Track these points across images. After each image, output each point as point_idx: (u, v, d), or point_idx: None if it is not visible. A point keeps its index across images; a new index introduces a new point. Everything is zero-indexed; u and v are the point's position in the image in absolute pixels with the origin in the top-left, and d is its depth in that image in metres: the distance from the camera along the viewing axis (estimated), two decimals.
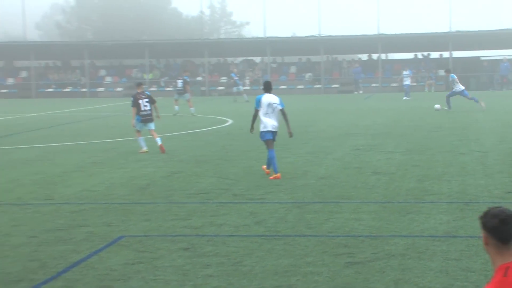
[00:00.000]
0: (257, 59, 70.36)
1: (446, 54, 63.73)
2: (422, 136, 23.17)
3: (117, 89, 65.38)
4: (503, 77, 59.79)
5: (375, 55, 66.14)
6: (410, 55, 67.68)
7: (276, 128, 15.62)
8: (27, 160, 19.40)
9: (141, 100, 20.93)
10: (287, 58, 71.88)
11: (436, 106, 34.60)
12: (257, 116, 15.70)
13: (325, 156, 18.81)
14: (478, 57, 65.69)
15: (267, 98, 15.57)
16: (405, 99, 46.64)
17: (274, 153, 15.58)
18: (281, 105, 15.60)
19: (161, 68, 68.26)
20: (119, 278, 8.45)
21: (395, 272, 8.46)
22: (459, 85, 34.71)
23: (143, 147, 20.51)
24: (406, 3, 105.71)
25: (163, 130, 27.33)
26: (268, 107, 15.48)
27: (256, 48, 67.32)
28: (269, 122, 15.48)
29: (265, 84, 15.91)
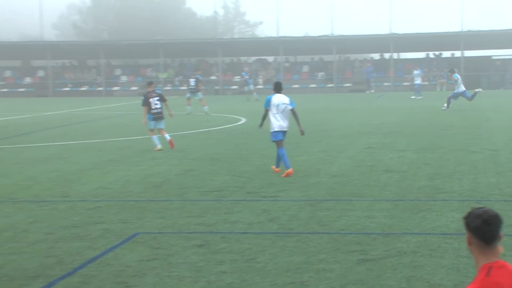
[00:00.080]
0: (270, 59, 70.33)
1: (458, 53, 63.51)
2: (434, 134, 23.10)
3: (132, 88, 65.53)
4: None
5: (387, 55, 65.98)
6: (422, 55, 67.50)
7: (285, 128, 15.65)
8: (44, 158, 19.47)
9: (152, 99, 21.00)
10: (300, 57, 71.84)
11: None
12: (266, 115, 15.77)
13: (338, 155, 18.78)
14: (490, 56, 65.39)
15: (277, 98, 15.61)
16: (414, 98, 46.45)
17: (284, 151, 15.61)
18: (291, 105, 15.66)
19: (175, 67, 68.37)
20: (134, 274, 8.47)
21: (407, 269, 8.44)
22: (462, 86, 34.81)
23: (157, 145, 20.56)
24: (418, 3, 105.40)
25: (177, 128, 27.38)
26: (277, 107, 15.53)
27: (269, 48, 67.31)
28: (278, 123, 15.54)
29: (276, 85, 15.97)
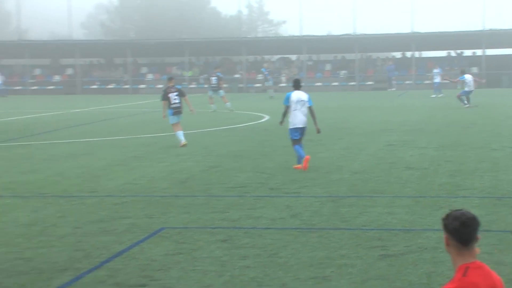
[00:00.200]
0: (293, 57, 70.27)
1: (479, 52, 63.02)
2: (454, 132, 22.94)
3: (158, 86, 65.71)
4: None
5: (408, 53, 65.63)
6: (443, 53, 67.07)
7: (305, 123, 15.95)
8: (72, 154, 19.59)
9: (171, 94, 21.12)
10: (322, 56, 71.70)
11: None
12: (287, 112, 16.00)
13: (359, 152, 18.72)
14: (511, 55, 64.81)
15: (296, 95, 15.92)
16: (434, 96, 46.12)
17: (298, 146, 15.92)
18: (309, 102, 15.97)
19: (200, 65, 68.49)
20: (160, 268, 8.50)
21: (427, 265, 8.39)
22: (468, 86, 35.24)
23: (182, 140, 20.61)
24: (440, 2, 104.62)
25: (202, 126, 27.45)
26: (297, 103, 15.83)
27: (292, 46, 67.24)
28: (298, 118, 15.82)
29: (295, 82, 16.36)
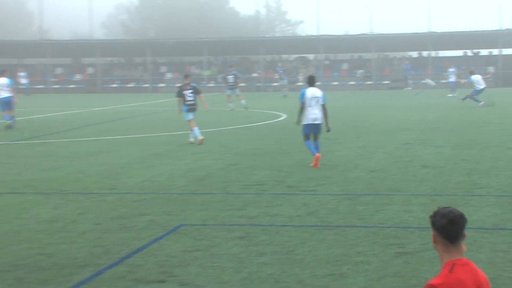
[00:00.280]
0: (310, 56, 70.15)
1: (496, 51, 62.60)
2: (471, 131, 22.80)
3: (177, 84, 65.52)
4: None
5: (425, 53, 65.33)
6: (459, 53, 66.69)
7: (320, 120, 16.10)
8: (93, 151, 19.67)
9: (186, 91, 21.37)
10: (339, 55, 71.52)
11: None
12: (303, 109, 16.12)
13: (376, 150, 18.65)
14: None
15: (311, 91, 16.11)
16: (451, 96, 45.86)
17: (310, 142, 16.12)
18: (323, 100, 16.12)
19: (218, 65, 68.55)
20: (178, 265, 8.51)
21: None
22: (477, 86, 35.55)
23: (198, 136, 20.71)
24: (457, 1, 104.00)
25: (220, 124, 27.47)
26: (311, 99, 16.00)
27: (309, 46, 67.13)
28: (311, 116, 16.00)
29: (309, 78, 16.53)
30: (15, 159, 18.30)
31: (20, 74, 64.19)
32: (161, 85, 66.71)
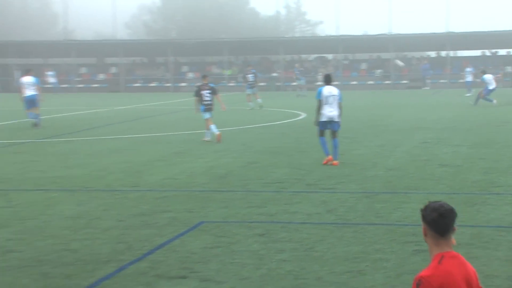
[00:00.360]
0: (329, 56, 70.00)
1: None
2: (488, 130, 22.64)
3: (198, 84, 65.93)
4: None
5: (443, 52, 64.97)
6: (477, 52, 66.23)
7: (337, 118, 16.12)
8: (116, 149, 19.75)
9: (203, 91, 21.54)
10: (358, 55, 71.31)
11: None
12: (320, 107, 16.15)
13: (394, 149, 18.58)
14: None
15: (328, 90, 16.19)
16: (468, 95, 45.54)
17: (324, 140, 16.16)
18: (340, 98, 16.21)
19: (239, 64, 68.59)
20: (199, 261, 8.53)
21: None
22: (489, 85, 35.51)
23: (215, 132, 20.85)
24: (475, 1, 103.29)
25: (240, 123, 27.48)
26: (328, 97, 16.08)
27: (328, 46, 66.99)
28: (327, 113, 16.05)
29: (326, 77, 16.66)
30: (40, 157, 18.43)
31: (48, 73, 64.68)
32: (183, 84, 66.86)
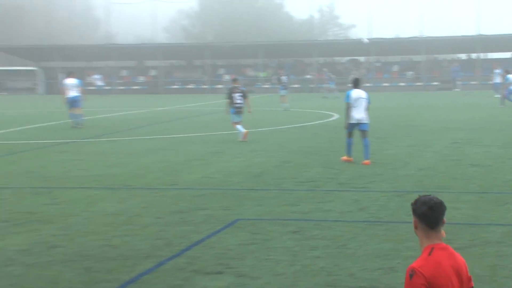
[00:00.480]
0: (361, 59, 69.65)
1: None
2: None
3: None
4: None
5: (474, 55, 64.24)
6: (508, 55, 65.40)
7: (365, 120, 16.20)
8: (154, 149, 19.87)
9: (235, 94, 21.59)
10: (390, 57, 70.84)
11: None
12: (349, 109, 16.21)
13: (425, 149, 18.41)
14: None
15: (356, 93, 16.23)
16: (497, 96, 44.96)
17: (352, 141, 16.20)
18: (368, 101, 16.33)
19: (273, 67, 68.57)
20: (235, 257, 8.54)
21: (491, 258, 8.19)
22: (511, 86, 35.41)
23: (242, 130, 21.01)
24: (506, 3, 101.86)
25: (274, 123, 27.47)
26: (356, 100, 16.10)
27: (361, 49, 66.64)
28: (356, 116, 16.11)
29: (355, 81, 16.71)
30: (83, 156, 18.62)
31: (95, 76, 65.38)
32: (219, 86, 67.06)
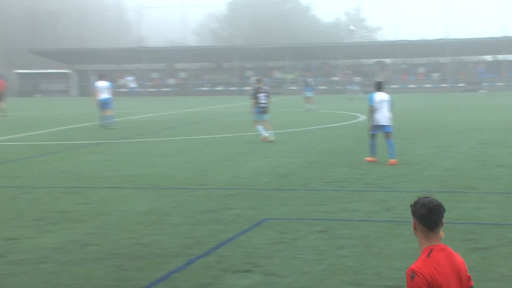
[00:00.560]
0: (388, 61, 69.26)
1: None
2: None
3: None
4: None
5: (500, 56, 63.56)
6: None
7: (388, 122, 16.23)
8: (185, 149, 19.94)
9: (260, 94, 21.66)
10: (416, 59, 70.35)
11: None
12: (373, 112, 16.21)
13: (451, 149, 18.24)
14: None
15: (379, 96, 16.26)
16: None
17: (375, 142, 16.22)
18: (391, 103, 16.37)
19: (301, 69, 68.46)
20: (263, 256, 8.53)
21: None
22: None
23: (263, 133, 21.01)
24: None
25: (301, 124, 27.42)
26: (379, 103, 16.14)
27: (387, 51, 66.30)
28: (381, 116, 16.12)
29: (377, 84, 16.68)
30: (115, 157, 18.74)
31: (129, 78, 65.80)
32: (247, 88, 67.10)
